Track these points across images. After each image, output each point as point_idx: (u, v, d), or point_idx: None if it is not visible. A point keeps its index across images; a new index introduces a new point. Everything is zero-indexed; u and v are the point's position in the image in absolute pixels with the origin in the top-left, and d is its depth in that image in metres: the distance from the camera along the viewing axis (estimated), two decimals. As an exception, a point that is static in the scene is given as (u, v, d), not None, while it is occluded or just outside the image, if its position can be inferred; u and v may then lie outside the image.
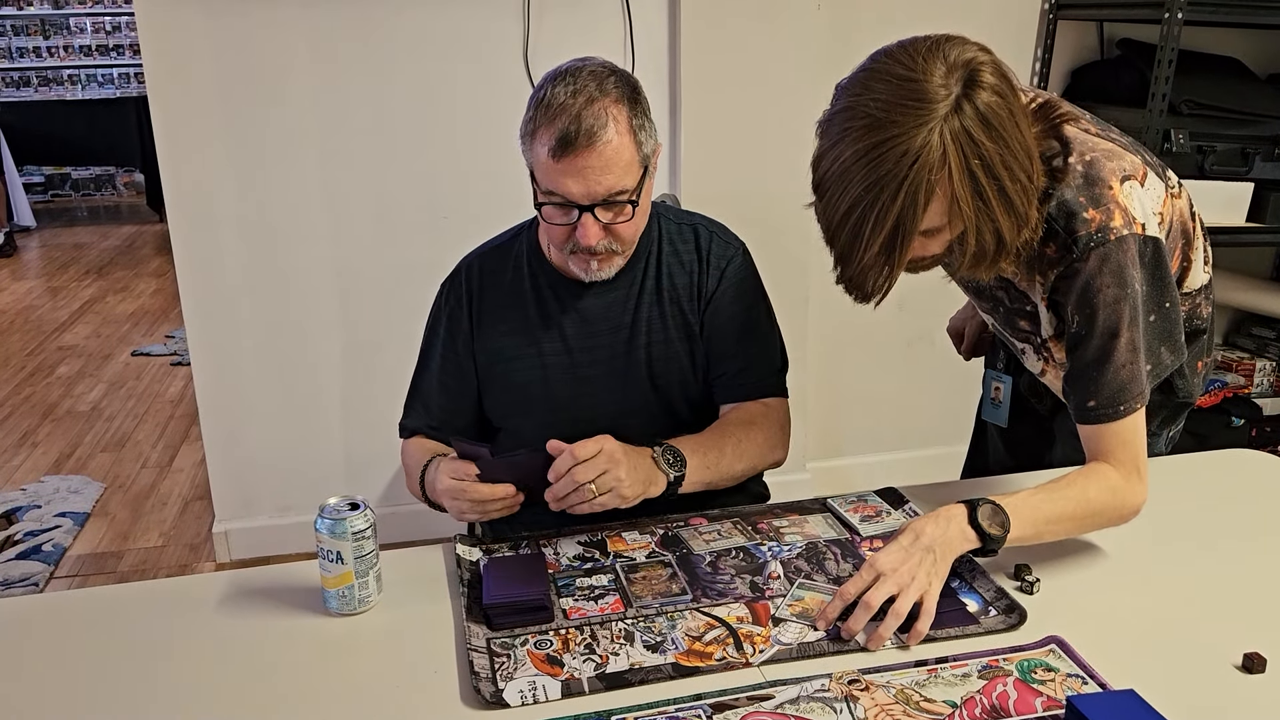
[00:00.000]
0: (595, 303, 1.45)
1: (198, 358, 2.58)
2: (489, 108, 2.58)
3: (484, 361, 1.48)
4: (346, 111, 2.49)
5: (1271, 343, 3.15)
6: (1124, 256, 1.19)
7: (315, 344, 2.64)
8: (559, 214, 1.33)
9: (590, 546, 1.31)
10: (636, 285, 1.46)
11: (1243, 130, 2.62)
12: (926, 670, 1.05)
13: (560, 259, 1.42)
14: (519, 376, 1.46)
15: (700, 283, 1.47)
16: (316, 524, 1.15)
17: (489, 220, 2.62)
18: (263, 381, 2.63)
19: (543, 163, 1.30)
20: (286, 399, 2.66)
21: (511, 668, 1.06)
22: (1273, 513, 1.42)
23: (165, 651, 1.11)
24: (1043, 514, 1.20)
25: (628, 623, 1.14)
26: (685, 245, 1.49)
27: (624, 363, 1.46)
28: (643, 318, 1.45)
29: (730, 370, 1.48)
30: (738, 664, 1.07)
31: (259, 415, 2.65)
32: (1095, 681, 1.03)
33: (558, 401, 1.45)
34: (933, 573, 1.13)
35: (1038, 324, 1.34)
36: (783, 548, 1.30)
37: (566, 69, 1.32)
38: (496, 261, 1.50)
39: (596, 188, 1.29)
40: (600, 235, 1.33)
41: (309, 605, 1.19)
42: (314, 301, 2.61)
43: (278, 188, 2.50)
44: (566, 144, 1.26)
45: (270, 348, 2.61)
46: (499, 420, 1.51)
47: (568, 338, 1.46)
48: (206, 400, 2.61)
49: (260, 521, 2.74)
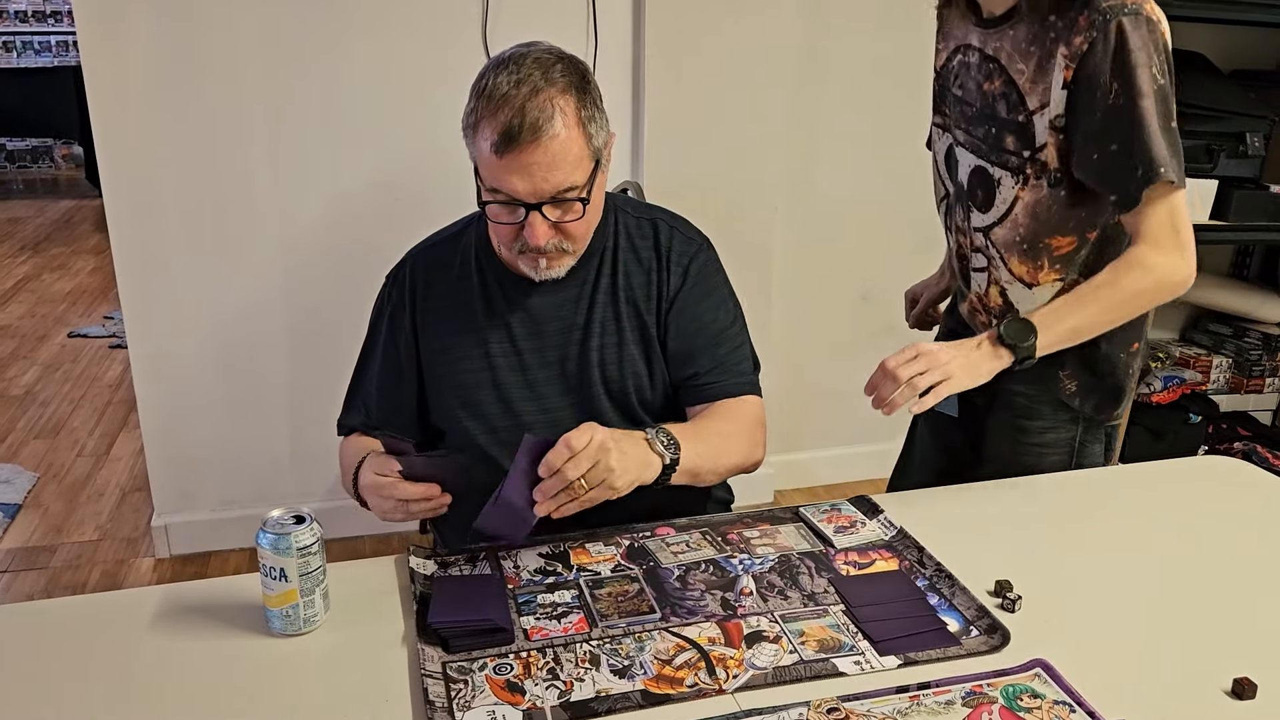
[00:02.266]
0: (545, 301, 1.38)
1: (136, 343, 2.46)
2: (445, 88, 2.47)
3: (428, 361, 1.40)
4: (296, 88, 2.38)
5: (1228, 340, 3.16)
6: (1150, 31, 1.28)
7: (260, 330, 2.53)
8: (504, 213, 1.25)
9: (552, 559, 1.24)
10: (590, 284, 1.38)
11: (1207, 127, 2.61)
12: (908, 698, 1.00)
13: (509, 257, 1.34)
14: (465, 377, 1.39)
15: (660, 282, 1.40)
16: (259, 538, 1.06)
17: (443, 205, 2.53)
18: (204, 369, 2.52)
19: (486, 159, 1.22)
20: (229, 388, 2.55)
21: (469, 695, 0.99)
22: (1256, 527, 1.39)
23: (94, 673, 1.02)
24: (1071, 313, 1.35)
25: (593, 644, 1.07)
26: (644, 242, 1.42)
27: (576, 365, 1.38)
28: (596, 319, 1.38)
29: (700, 371, 1.40)
30: (710, 690, 1.00)
31: (200, 404, 2.54)
32: (1083, 709, 0.98)
33: (506, 404, 1.38)
34: (962, 369, 1.32)
35: (1029, 137, 1.38)
36: (754, 561, 1.24)
37: (510, 55, 1.24)
38: (443, 255, 1.43)
39: (543, 185, 1.21)
40: (549, 235, 1.26)
41: (250, 624, 1.10)
42: (259, 286, 2.50)
43: (222, 167, 2.39)
44: (510, 139, 1.18)
45: (213, 333, 2.50)
46: (443, 422, 1.42)
47: (516, 338, 1.38)
48: (145, 388, 2.49)
49: (201, 515, 2.63)
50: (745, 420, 1.40)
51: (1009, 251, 1.47)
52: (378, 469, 1.24)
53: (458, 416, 1.39)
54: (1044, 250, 1.44)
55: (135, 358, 2.47)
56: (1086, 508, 1.42)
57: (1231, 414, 3.13)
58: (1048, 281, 1.46)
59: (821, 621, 1.12)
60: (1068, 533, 1.34)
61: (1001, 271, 1.50)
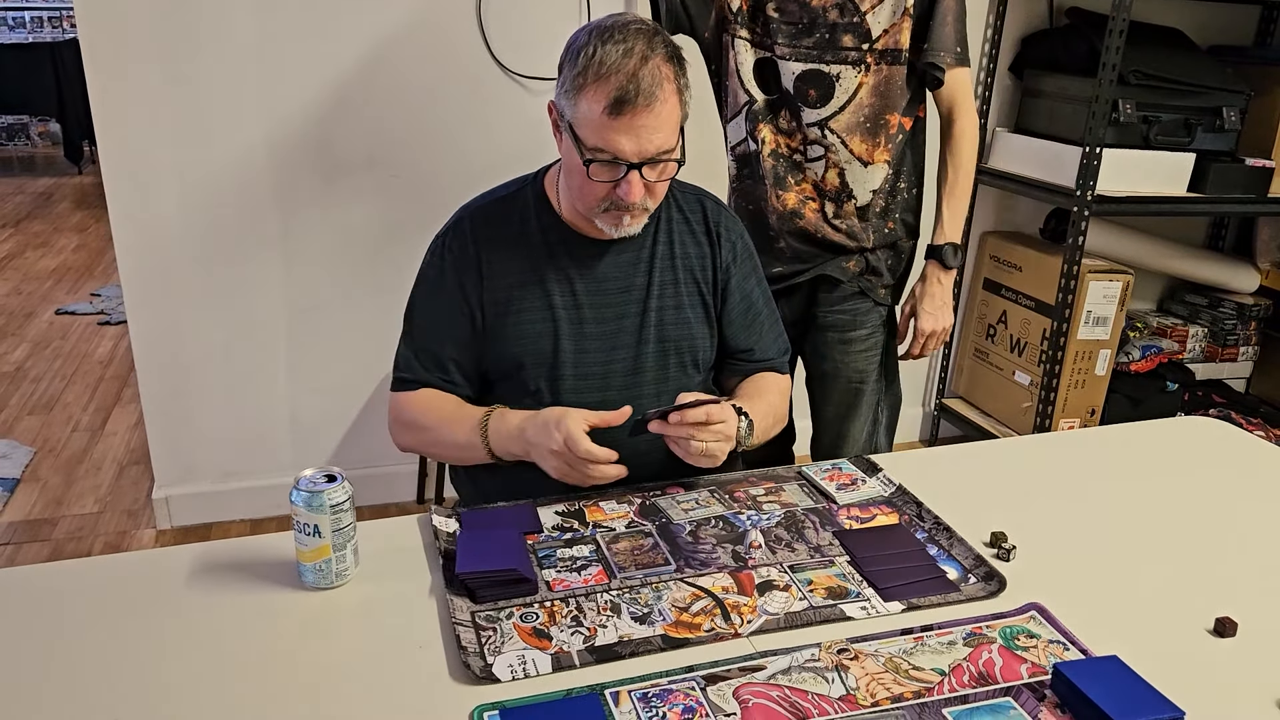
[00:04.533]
0: (606, 262, 1.45)
1: (135, 318, 2.48)
2: (440, 63, 2.51)
3: (491, 310, 1.43)
4: (291, 65, 2.40)
5: (1204, 310, 3.25)
6: None
7: (259, 303, 2.56)
8: (605, 171, 1.32)
9: (568, 516, 1.29)
10: (647, 249, 1.46)
11: (1185, 101, 2.68)
12: (912, 639, 1.06)
13: (582, 214, 1.40)
14: (527, 328, 1.43)
15: (713, 255, 1.50)
16: (292, 496, 1.11)
17: (439, 180, 2.58)
18: (203, 343, 2.55)
19: (595, 120, 1.28)
20: (229, 361, 2.58)
21: (499, 641, 1.04)
22: (1235, 480, 1.46)
23: (132, 631, 1.06)
24: (960, 206, 1.87)
25: (613, 594, 1.13)
26: (695, 215, 1.51)
27: (635, 323, 1.45)
28: (655, 281, 1.46)
29: (754, 347, 1.54)
30: (727, 635, 1.06)
31: (200, 377, 2.57)
32: (1076, 648, 1.05)
33: (565, 356, 1.43)
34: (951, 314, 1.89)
35: (864, 32, 1.73)
36: (761, 516, 1.30)
37: (610, 25, 1.31)
38: (499, 212, 1.47)
39: (648, 146, 1.29)
40: (642, 193, 1.34)
41: (282, 579, 1.15)
42: (257, 259, 2.52)
43: (219, 142, 2.40)
44: (624, 103, 1.26)
45: (211, 307, 2.53)
46: (500, 374, 1.46)
47: (578, 294, 1.44)
48: (145, 362, 2.52)
49: (202, 487, 2.66)
50: (785, 396, 1.54)
51: (851, 134, 1.78)
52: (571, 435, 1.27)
53: (520, 365, 1.43)
54: (883, 128, 1.79)
55: (135, 332, 2.49)
56: (1073, 464, 1.49)
57: (1207, 382, 3.21)
58: (880, 161, 1.81)
59: (828, 571, 1.18)
60: (1057, 488, 1.41)
61: (841, 154, 1.79)
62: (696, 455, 1.30)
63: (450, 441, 1.41)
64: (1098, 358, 2.81)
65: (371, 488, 2.77)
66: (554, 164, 1.50)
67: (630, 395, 1.43)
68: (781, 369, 1.58)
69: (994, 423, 3.05)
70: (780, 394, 1.54)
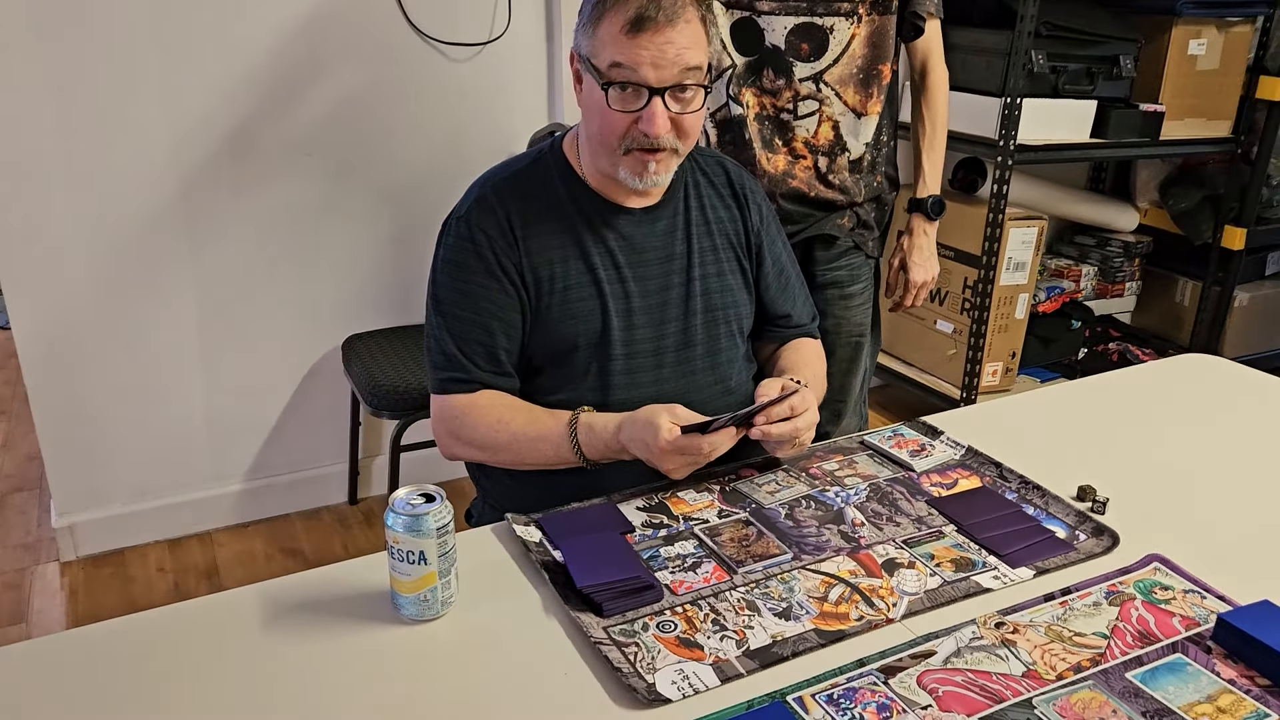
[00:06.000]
0: (642, 230, 1.36)
1: (20, 324, 2.19)
2: (354, 32, 2.31)
3: (535, 290, 1.31)
4: (193, 37, 2.16)
5: (1093, 249, 3.42)
6: None
7: (166, 301, 2.31)
8: (625, 99, 1.22)
9: (654, 511, 1.21)
10: (681, 215, 1.39)
11: (1088, 51, 2.78)
12: (1059, 604, 1.05)
13: (605, 168, 1.30)
14: (578, 306, 1.32)
15: (744, 218, 1.44)
16: (389, 521, 0.98)
17: (358, 157, 2.38)
18: (104, 348, 2.28)
19: (614, 39, 1.21)
20: (134, 367, 2.32)
21: (649, 657, 0.96)
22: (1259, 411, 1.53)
23: (212, 684, 0.91)
24: (938, 156, 1.90)
25: (741, 591, 1.06)
26: (720, 179, 1.45)
27: (681, 293, 1.37)
28: (695, 248, 1.38)
29: (792, 313, 1.50)
30: (879, 622, 1.01)
31: (102, 388, 2.30)
32: (1213, 595, 1.06)
33: (615, 335, 1.33)
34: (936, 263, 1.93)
35: None
36: (848, 492, 1.25)
37: None
38: (523, 185, 1.34)
39: (670, 69, 1.21)
40: (667, 127, 1.24)
41: (369, 613, 1.02)
42: (161, 252, 2.27)
43: (111, 123, 2.14)
44: (644, 20, 1.19)
45: (110, 309, 2.26)
46: (548, 359, 1.34)
47: (620, 265, 1.34)
48: (35, 373, 2.23)
49: (112, 510, 2.40)
50: (824, 362, 1.52)
51: (844, 85, 1.76)
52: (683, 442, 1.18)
53: (573, 346, 1.32)
54: (875, 78, 1.77)
55: (21, 338, 2.19)
56: (1108, 412, 1.52)
57: (1104, 316, 3.40)
58: (873, 113, 1.79)
59: (943, 543, 1.15)
60: (1108, 436, 1.44)
61: (835, 106, 1.77)
62: (789, 447, 1.25)
63: (534, 462, 1.29)
64: (1017, 302, 2.91)
65: (301, 493, 2.58)
66: (570, 129, 1.39)
67: (684, 371, 1.37)
68: (815, 333, 1.54)
69: (918, 372, 3.12)
70: (821, 360, 1.50)
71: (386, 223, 2.48)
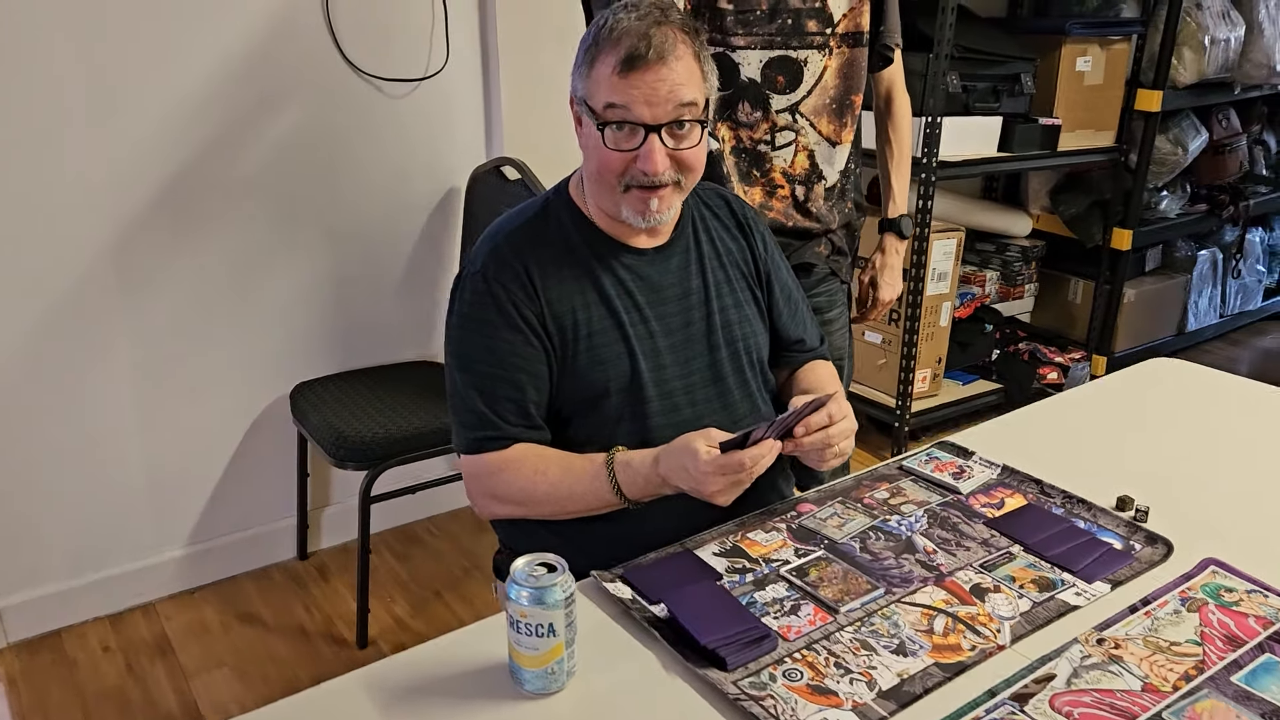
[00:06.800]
0: (657, 269, 1.35)
1: (-64, 398, 2.00)
2: (289, 70, 2.22)
3: (560, 339, 1.29)
4: (124, 82, 2.02)
5: (993, 255, 3.61)
6: None
7: (99, 358, 2.15)
8: (621, 137, 1.23)
9: (732, 555, 1.21)
10: (692, 251, 1.39)
11: (993, 70, 2.94)
12: (1144, 614, 1.10)
13: (612, 206, 1.29)
14: (604, 351, 1.30)
15: (751, 247, 1.46)
16: (511, 593, 0.95)
17: (299, 196, 2.28)
18: (30, 409, 2.10)
19: (607, 80, 1.21)
20: (65, 429, 2.15)
21: (788, 709, 0.96)
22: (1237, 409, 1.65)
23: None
24: (905, 177, 1.98)
25: (849, 631, 1.07)
26: (723, 210, 1.46)
27: (702, 329, 1.37)
28: (710, 282, 1.39)
29: (805, 338, 1.51)
30: (992, 649, 1.04)
31: (33, 455, 2.13)
32: (1273, 593, 1.14)
33: (645, 377, 1.31)
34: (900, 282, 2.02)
35: (827, 17, 1.74)
36: (909, 520, 1.28)
37: (624, 2, 1.25)
38: (534, 234, 1.32)
39: (665, 103, 1.21)
40: (666, 163, 1.24)
41: (490, 690, 0.98)
42: (94, 307, 2.12)
43: (40, 172, 1.98)
44: (636, 58, 1.20)
45: (35, 367, 2.09)
46: (577, 408, 1.31)
47: (640, 306, 1.33)
48: (-46, 450, 2.04)
49: (46, 589, 2.21)
50: (839, 383, 1.51)
51: (819, 116, 1.79)
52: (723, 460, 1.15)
53: (604, 393, 1.30)
54: (848, 109, 1.81)
55: (-63, 415, 2.01)
56: (1110, 421, 1.61)
57: (1010, 318, 3.58)
58: (845, 141, 1.83)
59: (1017, 564, 1.19)
60: (1120, 446, 1.52)
61: (810, 135, 1.80)
62: (831, 459, 1.26)
63: (575, 509, 1.26)
64: (942, 310, 3.04)
65: (247, 552, 2.45)
66: (573, 173, 1.38)
67: (719, 406, 1.37)
68: (825, 355, 1.56)
69: (853, 383, 3.21)
70: (836, 380, 1.51)
71: (330, 264, 2.38)
